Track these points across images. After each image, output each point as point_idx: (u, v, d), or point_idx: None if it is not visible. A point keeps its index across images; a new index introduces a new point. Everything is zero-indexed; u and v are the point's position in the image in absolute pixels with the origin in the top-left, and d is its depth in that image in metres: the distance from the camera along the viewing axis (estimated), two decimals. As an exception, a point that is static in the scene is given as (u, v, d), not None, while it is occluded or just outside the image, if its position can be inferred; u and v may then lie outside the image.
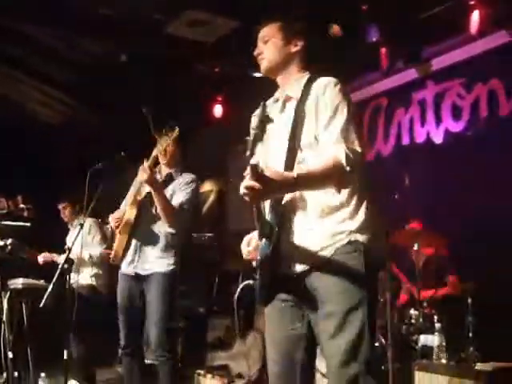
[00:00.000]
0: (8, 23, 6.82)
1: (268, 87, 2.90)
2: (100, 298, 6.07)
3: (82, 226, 4.80)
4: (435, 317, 4.95)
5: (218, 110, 8.32)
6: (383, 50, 6.54)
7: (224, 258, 9.21)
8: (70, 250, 4.67)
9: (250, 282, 2.53)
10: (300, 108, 2.64)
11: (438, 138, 6.52)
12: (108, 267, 6.07)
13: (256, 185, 2.20)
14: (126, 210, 4.48)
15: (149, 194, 4.49)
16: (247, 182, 2.21)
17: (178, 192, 4.53)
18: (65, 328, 5.00)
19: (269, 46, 2.80)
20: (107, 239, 6.22)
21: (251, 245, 2.67)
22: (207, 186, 10.54)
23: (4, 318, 5.47)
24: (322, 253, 2.54)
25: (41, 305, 4.27)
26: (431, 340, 4.78)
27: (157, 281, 4.36)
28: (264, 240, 2.50)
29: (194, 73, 7.75)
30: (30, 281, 5.86)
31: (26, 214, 6.23)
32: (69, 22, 6.60)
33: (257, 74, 7.07)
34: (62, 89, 8.91)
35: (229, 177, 9.96)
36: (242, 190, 2.24)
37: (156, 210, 4.46)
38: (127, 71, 7.70)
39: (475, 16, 5.62)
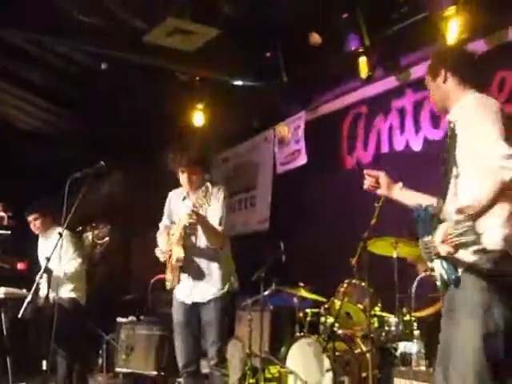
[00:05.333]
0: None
1: (247, 96, 2.91)
2: (80, 310, 5.93)
3: (60, 235, 4.63)
4: (414, 324, 4.96)
5: (198, 119, 8.26)
6: (363, 58, 6.58)
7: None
8: (48, 259, 4.60)
9: None
10: None
11: (417, 146, 6.56)
12: (86, 278, 6.00)
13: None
14: (173, 249, 4.53)
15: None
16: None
17: (213, 207, 4.53)
18: (45, 339, 4.95)
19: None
20: (84, 250, 6.11)
21: None
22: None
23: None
24: None
25: (19, 315, 4.24)
26: (410, 347, 4.80)
27: (214, 305, 4.54)
28: None
29: (175, 81, 7.73)
30: (13, 290, 5.73)
31: (5, 222, 6.18)
32: (47, 27, 6.55)
33: (237, 83, 7.14)
34: (42, 95, 8.88)
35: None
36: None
37: (196, 239, 4.57)
38: (107, 79, 7.68)
39: (453, 25, 5.68)
